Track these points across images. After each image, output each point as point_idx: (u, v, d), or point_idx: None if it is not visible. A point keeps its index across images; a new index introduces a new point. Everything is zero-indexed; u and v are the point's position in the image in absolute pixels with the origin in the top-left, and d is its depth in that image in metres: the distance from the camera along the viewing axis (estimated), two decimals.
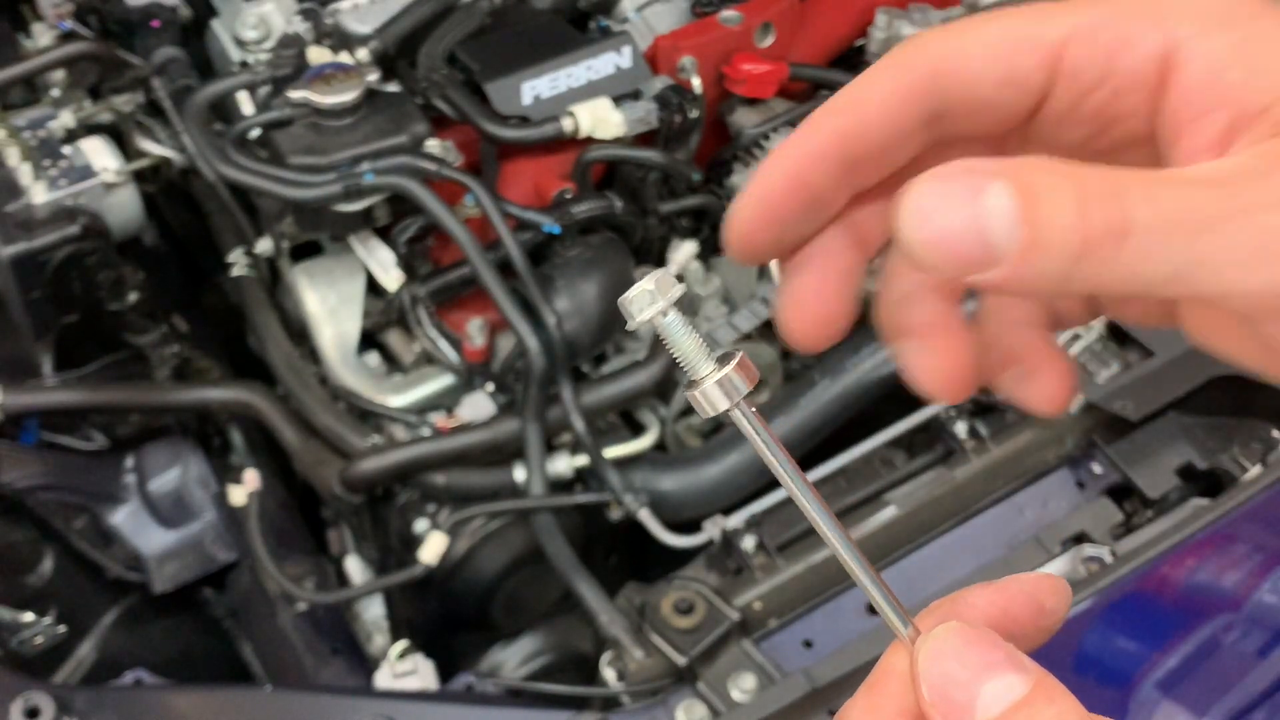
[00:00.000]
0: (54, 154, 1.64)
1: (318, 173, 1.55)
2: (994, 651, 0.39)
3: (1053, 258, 0.35)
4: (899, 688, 0.41)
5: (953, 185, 0.36)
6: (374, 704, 1.31)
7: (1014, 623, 0.42)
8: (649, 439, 1.71)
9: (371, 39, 1.67)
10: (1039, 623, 0.43)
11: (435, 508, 1.62)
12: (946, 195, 0.36)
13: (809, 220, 0.44)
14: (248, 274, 1.77)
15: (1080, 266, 0.36)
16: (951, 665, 0.39)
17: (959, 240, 0.36)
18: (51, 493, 1.62)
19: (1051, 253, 0.35)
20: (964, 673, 0.39)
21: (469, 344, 1.65)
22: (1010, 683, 0.38)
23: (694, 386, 0.43)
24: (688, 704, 1.29)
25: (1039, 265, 0.36)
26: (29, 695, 1.18)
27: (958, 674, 0.39)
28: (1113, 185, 0.36)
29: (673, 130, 1.67)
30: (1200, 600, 1.34)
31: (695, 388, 0.43)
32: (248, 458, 1.74)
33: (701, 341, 0.43)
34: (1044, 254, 0.35)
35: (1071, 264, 0.35)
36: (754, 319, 1.70)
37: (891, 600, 0.43)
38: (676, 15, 1.85)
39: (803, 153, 0.43)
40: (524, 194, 1.69)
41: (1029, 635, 0.43)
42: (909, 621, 0.42)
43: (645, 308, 0.42)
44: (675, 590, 1.40)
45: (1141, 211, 0.35)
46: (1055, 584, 0.44)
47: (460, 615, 1.66)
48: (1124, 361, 1.62)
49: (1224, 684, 1.23)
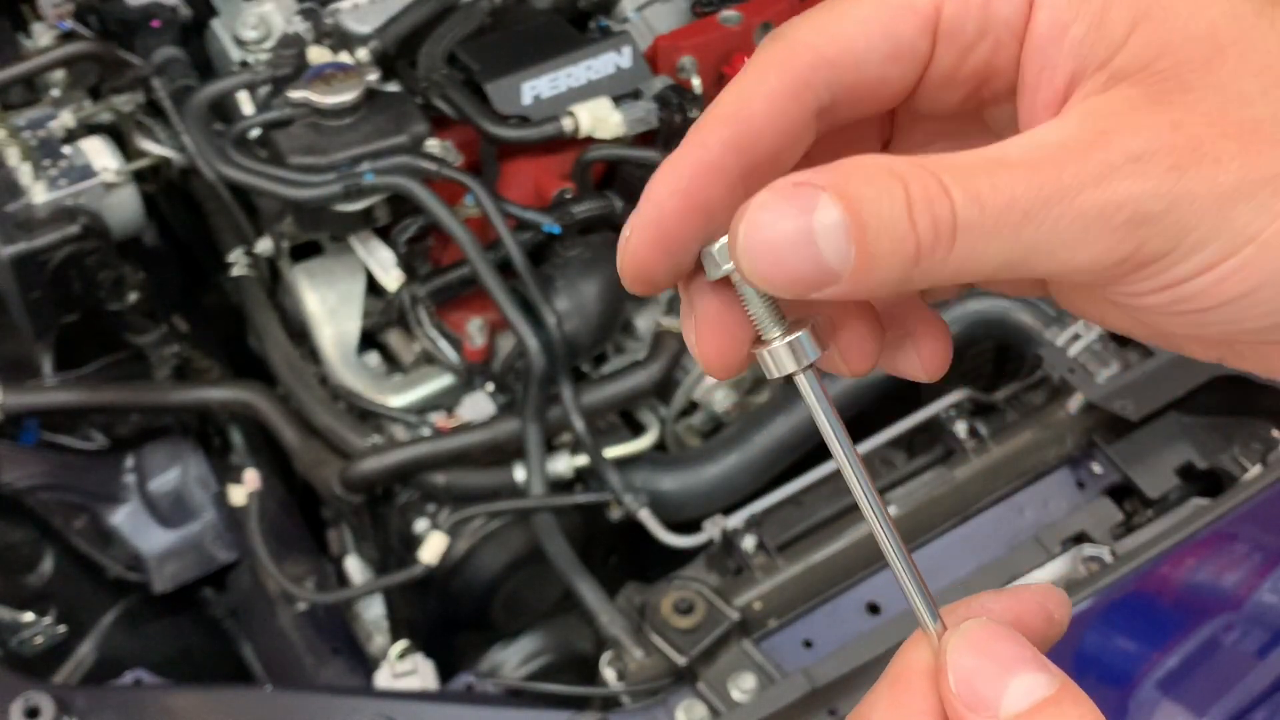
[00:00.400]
0: (54, 154, 1.64)
1: (318, 173, 1.55)
2: (1023, 649, 0.39)
3: (887, 268, 0.36)
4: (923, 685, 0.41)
5: (782, 209, 0.36)
6: (374, 704, 1.31)
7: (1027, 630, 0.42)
8: (649, 439, 1.71)
9: (371, 39, 1.67)
10: (1047, 633, 0.43)
11: (435, 508, 1.62)
12: (777, 218, 0.36)
13: (704, 238, 0.41)
14: (248, 274, 1.77)
15: (913, 271, 0.36)
16: (980, 659, 0.39)
17: (795, 265, 0.36)
18: (51, 493, 1.62)
19: (885, 264, 0.36)
20: (992, 667, 0.39)
21: (469, 344, 1.65)
22: (1037, 681, 0.38)
23: (762, 345, 0.42)
24: (688, 704, 1.29)
25: (875, 277, 0.36)
26: (29, 695, 1.18)
27: (986, 668, 0.39)
28: (936, 184, 0.36)
29: (673, 130, 1.67)
30: (1200, 600, 1.34)
31: (764, 346, 0.42)
32: (248, 458, 1.74)
33: (775, 302, 0.42)
34: (878, 266, 0.36)
35: (904, 270, 0.36)
36: None
37: (924, 592, 0.43)
38: (676, 15, 1.85)
39: (693, 170, 0.40)
40: (524, 194, 1.69)
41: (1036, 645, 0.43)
42: (937, 615, 0.42)
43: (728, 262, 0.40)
44: (675, 590, 1.40)
45: (966, 211, 0.36)
46: (1061, 597, 0.44)
47: (460, 615, 1.66)
48: (1124, 361, 1.61)
49: (1224, 684, 1.23)
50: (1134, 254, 0.37)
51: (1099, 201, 0.36)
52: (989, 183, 0.36)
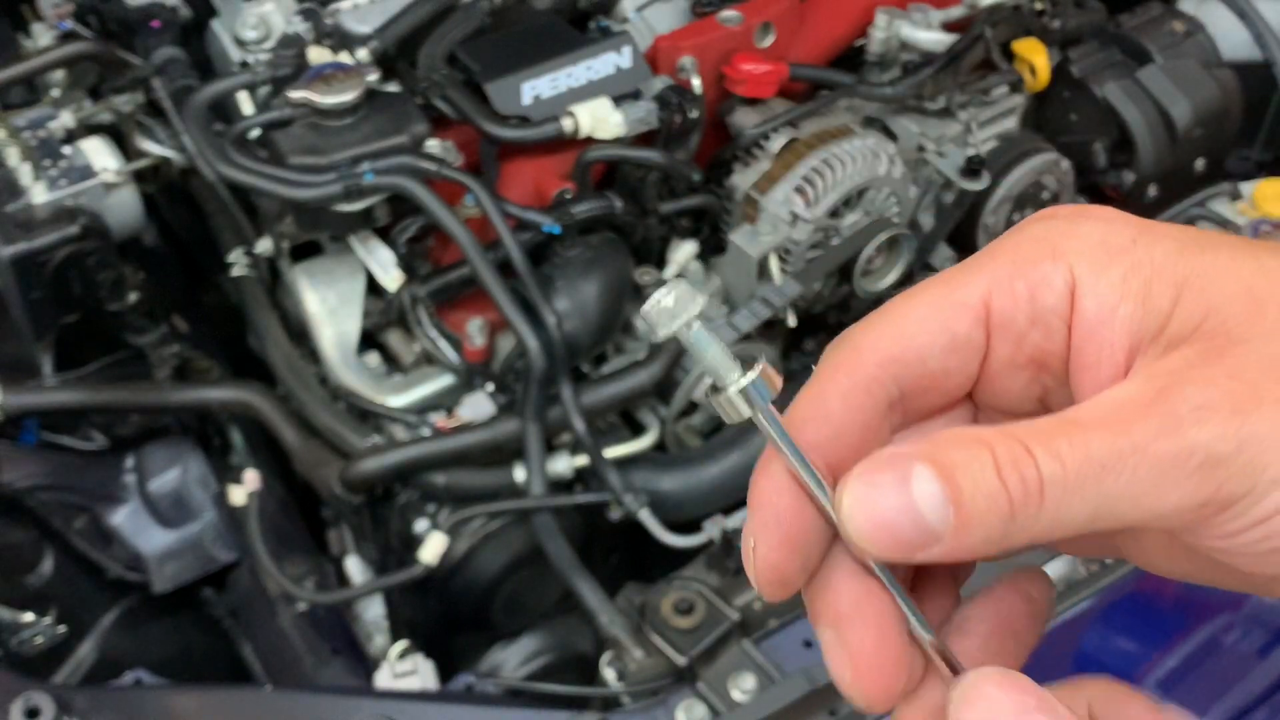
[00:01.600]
0: (54, 154, 1.64)
1: (318, 173, 1.55)
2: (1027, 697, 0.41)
3: (985, 526, 0.39)
4: None
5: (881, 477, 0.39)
6: (374, 704, 1.31)
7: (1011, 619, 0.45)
8: (649, 439, 1.71)
9: (371, 39, 1.67)
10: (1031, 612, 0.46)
11: (435, 508, 1.62)
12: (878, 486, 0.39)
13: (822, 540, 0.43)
14: (248, 274, 1.77)
15: (1010, 527, 0.39)
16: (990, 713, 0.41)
17: (899, 527, 0.39)
18: (51, 493, 1.62)
19: (983, 523, 0.39)
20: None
21: (469, 344, 1.65)
22: None
23: (718, 393, 0.43)
24: (688, 704, 1.29)
25: (975, 535, 0.39)
26: (29, 695, 1.18)
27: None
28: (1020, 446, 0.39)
29: (673, 130, 1.67)
30: (1200, 600, 1.34)
31: (719, 394, 0.43)
32: (248, 458, 1.74)
33: (724, 348, 0.43)
34: (976, 525, 0.39)
35: (1003, 527, 0.39)
36: (754, 319, 1.70)
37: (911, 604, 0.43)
38: (676, 15, 1.85)
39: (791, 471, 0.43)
40: (524, 194, 1.69)
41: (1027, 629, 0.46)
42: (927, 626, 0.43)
43: (668, 323, 0.42)
44: (675, 590, 1.40)
45: (1049, 467, 0.39)
46: (1036, 574, 0.47)
47: (460, 615, 1.66)
48: None
49: (1224, 684, 1.23)
50: (1214, 495, 0.39)
51: (1171, 450, 0.39)
52: (1066, 442, 0.39)
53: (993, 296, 0.43)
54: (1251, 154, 2.18)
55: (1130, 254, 0.42)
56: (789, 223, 1.71)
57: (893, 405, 0.44)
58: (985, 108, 1.92)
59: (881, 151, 1.75)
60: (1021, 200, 1.93)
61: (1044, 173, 1.92)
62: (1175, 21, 2.03)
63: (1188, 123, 1.96)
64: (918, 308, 0.44)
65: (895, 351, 0.43)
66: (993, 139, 1.93)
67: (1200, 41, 2.02)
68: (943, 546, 0.39)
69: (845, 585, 0.43)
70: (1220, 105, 2.00)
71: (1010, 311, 0.43)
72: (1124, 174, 2.00)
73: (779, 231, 1.71)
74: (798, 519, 0.42)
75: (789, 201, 1.71)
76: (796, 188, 1.71)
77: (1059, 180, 1.95)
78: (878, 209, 1.78)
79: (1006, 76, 1.93)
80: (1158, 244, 0.42)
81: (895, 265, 1.82)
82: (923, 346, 0.43)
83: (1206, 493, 0.39)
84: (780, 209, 1.71)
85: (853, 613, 0.43)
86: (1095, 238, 0.43)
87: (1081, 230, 0.43)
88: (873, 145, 1.74)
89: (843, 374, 0.43)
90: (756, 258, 1.71)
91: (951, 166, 1.82)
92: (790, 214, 1.70)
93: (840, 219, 1.76)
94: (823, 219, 1.73)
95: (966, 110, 1.89)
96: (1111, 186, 2.02)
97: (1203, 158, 2.02)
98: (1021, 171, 1.89)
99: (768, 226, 1.72)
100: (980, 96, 1.92)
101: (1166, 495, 0.39)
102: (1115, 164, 2.01)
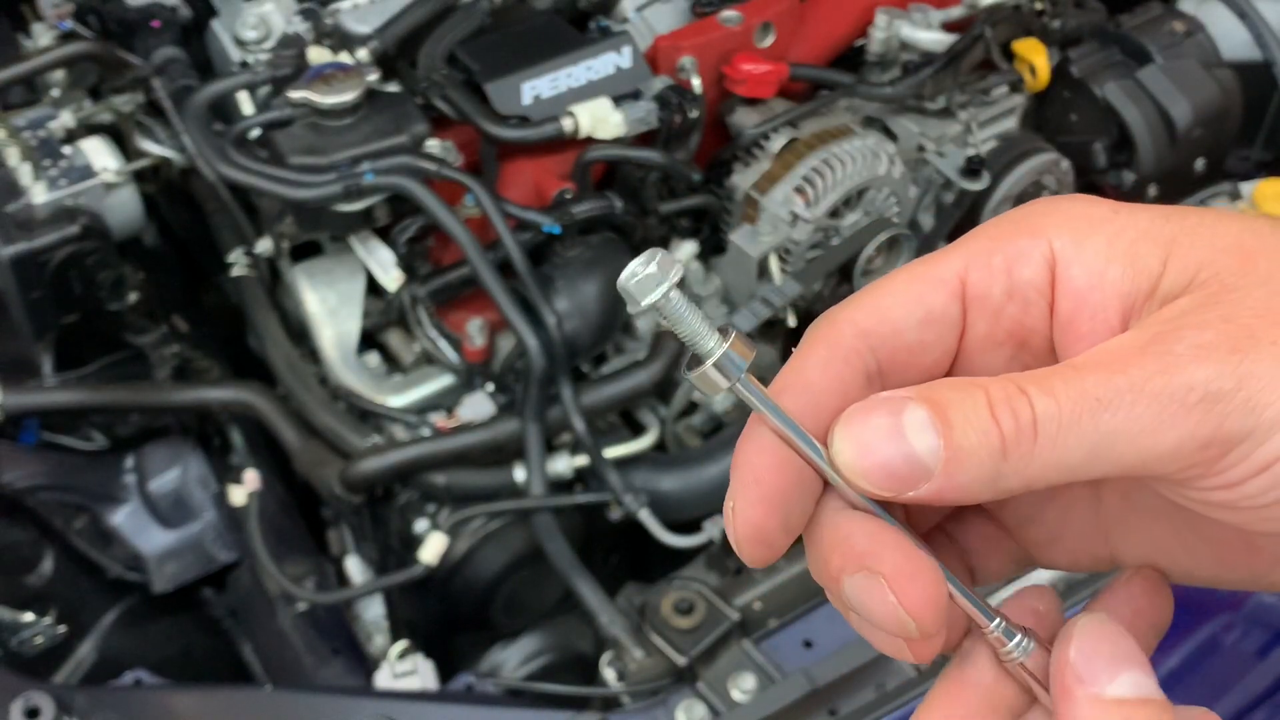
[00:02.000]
0: (54, 154, 1.64)
1: (318, 173, 1.55)
2: (1139, 653, 0.42)
3: (977, 463, 0.39)
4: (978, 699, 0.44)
5: (874, 414, 0.40)
6: (374, 704, 1.31)
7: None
8: (649, 439, 1.71)
9: (371, 39, 1.67)
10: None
11: (435, 508, 1.62)
12: (870, 422, 0.40)
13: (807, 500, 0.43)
14: (248, 274, 1.77)
15: (1003, 465, 0.39)
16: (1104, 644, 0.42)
17: (889, 459, 0.40)
18: (51, 493, 1.62)
19: (974, 459, 0.39)
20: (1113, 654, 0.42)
21: (469, 344, 1.65)
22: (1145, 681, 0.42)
23: (696, 367, 0.42)
24: (688, 704, 1.29)
25: (966, 472, 0.39)
26: (29, 695, 1.18)
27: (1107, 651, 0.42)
28: (1014, 387, 0.40)
29: (673, 130, 1.67)
30: (1200, 600, 1.33)
31: (697, 368, 0.42)
32: (248, 458, 1.74)
33: (703, 316, 0.42)
34: (967, 461, 0.39)
35: (995, 465, 0.39)
36: (754, 319, 1.70)
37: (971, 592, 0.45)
38: (676, 15, 1.85)
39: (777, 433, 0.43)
40: (524, 194, 1.69)
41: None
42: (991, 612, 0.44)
43: (649, 292, 0.40)
44: (675, 590, 1.40)
45: (1043, 403, 0.39)
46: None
47: (460, 615, 1.66)
48: None
49: (1224, 684, 1.23)
50: (1216, 434, 0.39)
51: (1170, 385, 0.39)
52: (1061, 381, 0.40)
53: (969, 271, 0.44)
54: (1251, 154, 2.18)
55: (1112, 222, 0.43)
56: (789, 223, 1.71)
57: (871, 377, 0.44)
58: (985, 108, 1.92)
59: (881, 151, 1.75)
60: (1021, 200, 1.93)
61: (1044, 173, 1.92)
62: (1175, 21, 2.03)
63: (1188, 123, 1.96)
64: (895, 284, 0.45)
65: (872, 324, 0.44)
66: (993, 139, 1.93)
67: (1200, 41, 2.02)
68: (933, 484, 0.39)
69: (854, 527, 0.42)
70: (1220, 105, 2.00)
71: (986, 285, 0.44)
72: (1124, 174, 2.00)
73: (779, 231, 1.71)
74: (777, 477, 0.42)
75: (789, 201, 1.71)
76: (796, 188, 1.71)
77: (1059, 180, 1.95)
78: (878, 209, 1.78)
79: (1006, 76, 1.93)
80: (1140, 212, 0.43)
81: (895, 265, 1.82)
82: (899, 319, 0.44)
83: (1208, 430, 0.38)
84: (780, 209, 1.71)
85: (875, 546, 0.42)
86: (1075, 212, 0.43)
87: (1060, 208, 0.44)
88: (873, 145, 1.75)
89: (821, 345, 0.44)
90: (756, 258, 1.71)
91: (951, 166, 1.82)
92: (790, 214, 1.71)
93: (840, 219, 1.76)
94: (823, 219, 1.73)
95: (966, 110, 1.89)
96: (1111, 186, 2.02)
97: (1203, 158, 2.02)
98: (1021, 171, 1.89)
99: (768, 226, 1.72)
100: (980, 96, 1.92)
101: (1165, 434, 0.38)
102: (1115, 164, 2.01)
